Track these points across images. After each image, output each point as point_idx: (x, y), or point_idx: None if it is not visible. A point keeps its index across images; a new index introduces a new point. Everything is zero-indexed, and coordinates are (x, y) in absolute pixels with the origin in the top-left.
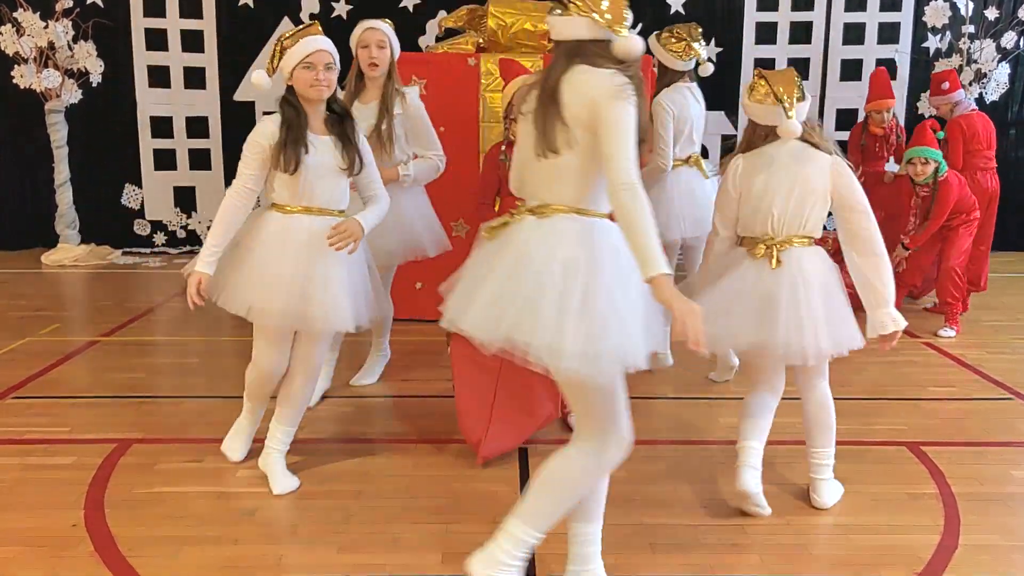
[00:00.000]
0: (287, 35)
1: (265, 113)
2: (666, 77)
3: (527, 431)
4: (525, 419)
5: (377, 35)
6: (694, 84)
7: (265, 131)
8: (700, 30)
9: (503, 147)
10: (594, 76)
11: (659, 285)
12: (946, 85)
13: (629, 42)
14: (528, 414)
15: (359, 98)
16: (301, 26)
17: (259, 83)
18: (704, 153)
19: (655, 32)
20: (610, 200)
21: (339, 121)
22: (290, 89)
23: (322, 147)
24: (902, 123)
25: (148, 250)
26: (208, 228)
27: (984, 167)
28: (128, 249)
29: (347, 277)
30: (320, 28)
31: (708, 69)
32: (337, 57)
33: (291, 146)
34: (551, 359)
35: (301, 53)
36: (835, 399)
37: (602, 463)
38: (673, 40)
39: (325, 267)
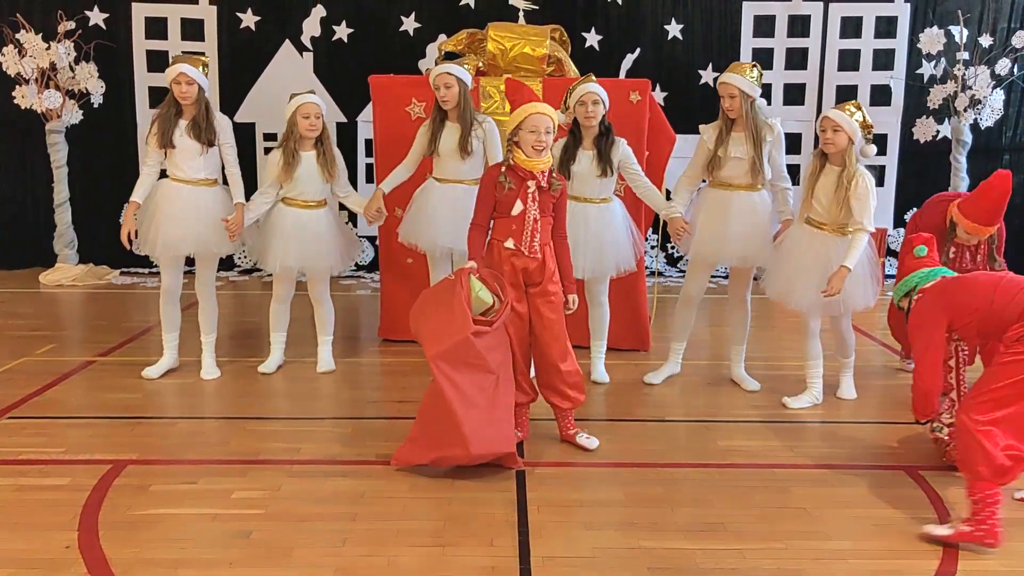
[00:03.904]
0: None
1: (266, 136)
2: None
3: (428, 456)
4: (429, 446)
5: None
6: None
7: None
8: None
9: (503, 169)
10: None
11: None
12: None
13: None
14: (435, 442)
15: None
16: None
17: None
18: None
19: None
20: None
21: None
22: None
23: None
24: (897, 151)
25: (146, 270)
26: None
27: None
28: (126, 269)
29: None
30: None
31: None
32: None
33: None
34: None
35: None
36: (834, 422)
37: None
38: None
39: None
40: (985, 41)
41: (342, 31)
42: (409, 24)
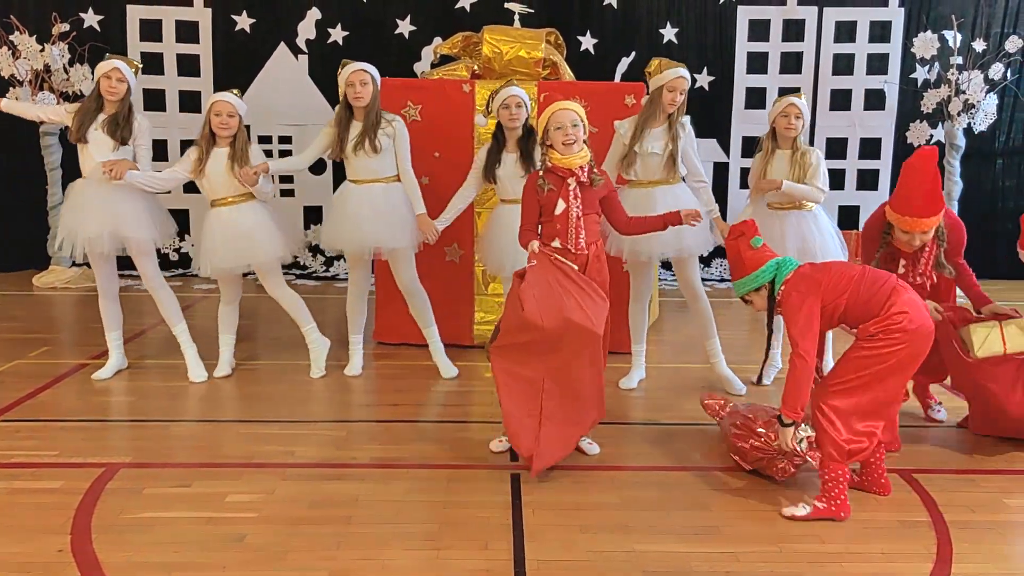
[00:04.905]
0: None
1: (260, 138)
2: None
3: (574, 439)
4: (572, 429)
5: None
6: None
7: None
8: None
9: (541, 174)
10: None
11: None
12: None
13: None
14: (575, 423)
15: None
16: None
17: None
18: None
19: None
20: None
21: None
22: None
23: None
24: (891, 155)
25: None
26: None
27: None
28: (120, 272)
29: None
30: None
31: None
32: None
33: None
34: None
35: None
36: None
37: None
38: None
39: None
40: (978, 46)
41: (337, 34)
42: (404, 27)
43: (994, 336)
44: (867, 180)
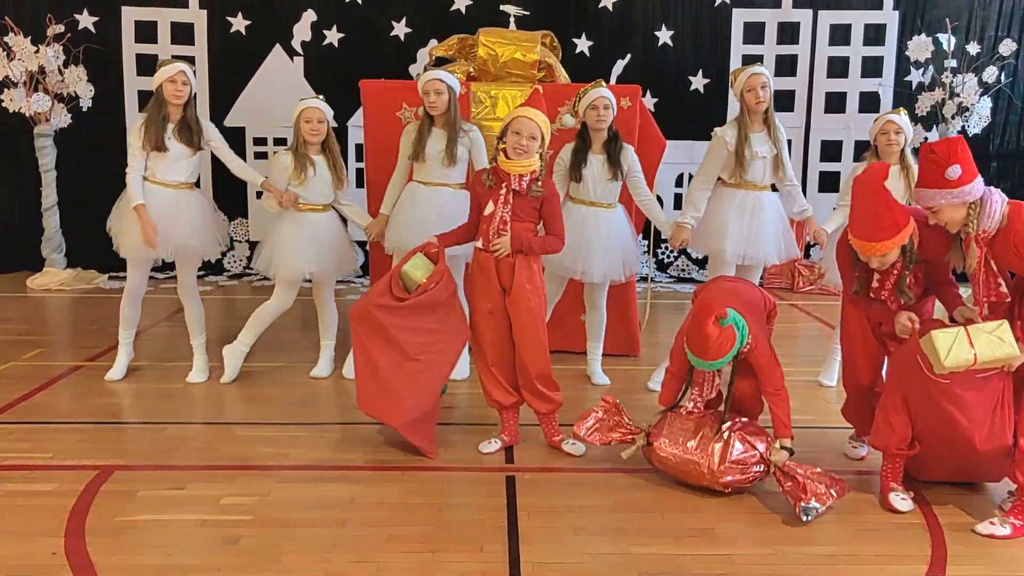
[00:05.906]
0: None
1: (255, 140)
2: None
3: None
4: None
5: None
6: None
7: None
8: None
9: (488, 168)
10: None
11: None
12: (956, 171)
13: None
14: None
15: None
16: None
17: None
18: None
19: None
20: None
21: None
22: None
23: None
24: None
25: None
26: None
27: None
28: (114, 274)
29: None
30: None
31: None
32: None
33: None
34: None
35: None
36: (823, 428)
37: None
38: None
39: None
40: (973, 49)
41: (333, 36)
42: (400, 29)
43: (960, 341)
44: None
